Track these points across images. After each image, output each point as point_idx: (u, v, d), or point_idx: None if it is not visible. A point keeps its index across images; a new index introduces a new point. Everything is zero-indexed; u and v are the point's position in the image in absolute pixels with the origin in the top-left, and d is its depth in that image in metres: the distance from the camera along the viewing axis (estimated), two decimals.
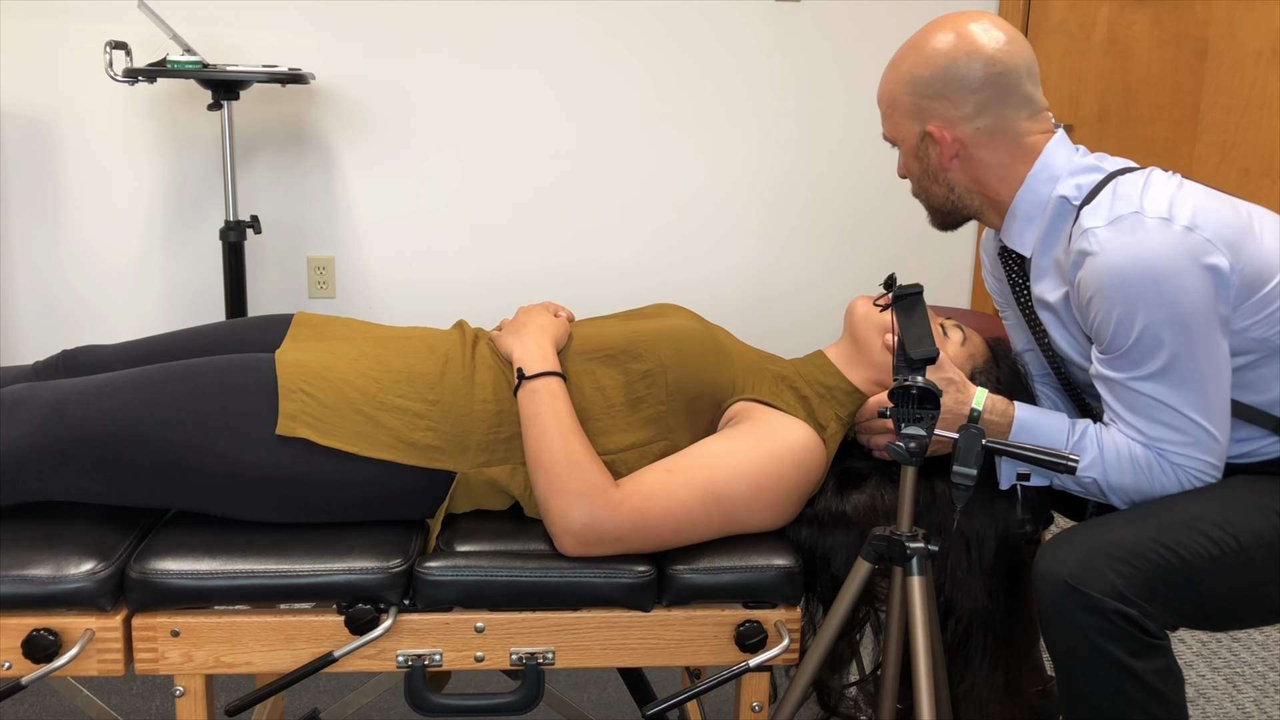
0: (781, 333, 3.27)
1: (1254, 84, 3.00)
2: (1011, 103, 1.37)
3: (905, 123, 1.41)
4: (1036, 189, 1.38)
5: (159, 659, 1.27)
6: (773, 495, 1.35)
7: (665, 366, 1.41)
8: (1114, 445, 1.33)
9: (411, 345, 1.44)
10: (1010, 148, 1.38)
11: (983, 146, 1.38)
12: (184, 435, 1.28)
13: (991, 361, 1.51)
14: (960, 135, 1.38)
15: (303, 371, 1.35)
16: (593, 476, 1.29)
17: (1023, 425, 1.37)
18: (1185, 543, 1.25)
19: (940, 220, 1.49)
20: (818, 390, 1.47)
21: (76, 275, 3.03)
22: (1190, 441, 1.30)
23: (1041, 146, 1.38)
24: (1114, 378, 1.31)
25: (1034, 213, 1.39)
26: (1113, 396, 1.33)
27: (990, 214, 1.45)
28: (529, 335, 1.42)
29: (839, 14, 3.09)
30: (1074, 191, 1.36)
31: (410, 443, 1.34)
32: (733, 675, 1.31)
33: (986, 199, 1.43)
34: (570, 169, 3.11)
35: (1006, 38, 1.36)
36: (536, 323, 1.45)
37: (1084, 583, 1.21)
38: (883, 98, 1.43)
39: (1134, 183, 1.31)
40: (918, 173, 1.44)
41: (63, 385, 1.33)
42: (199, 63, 2.56)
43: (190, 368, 1.34)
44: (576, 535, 1.28)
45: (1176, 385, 1.28)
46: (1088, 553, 1.23)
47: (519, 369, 1.37)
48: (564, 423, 1.32)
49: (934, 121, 1.38)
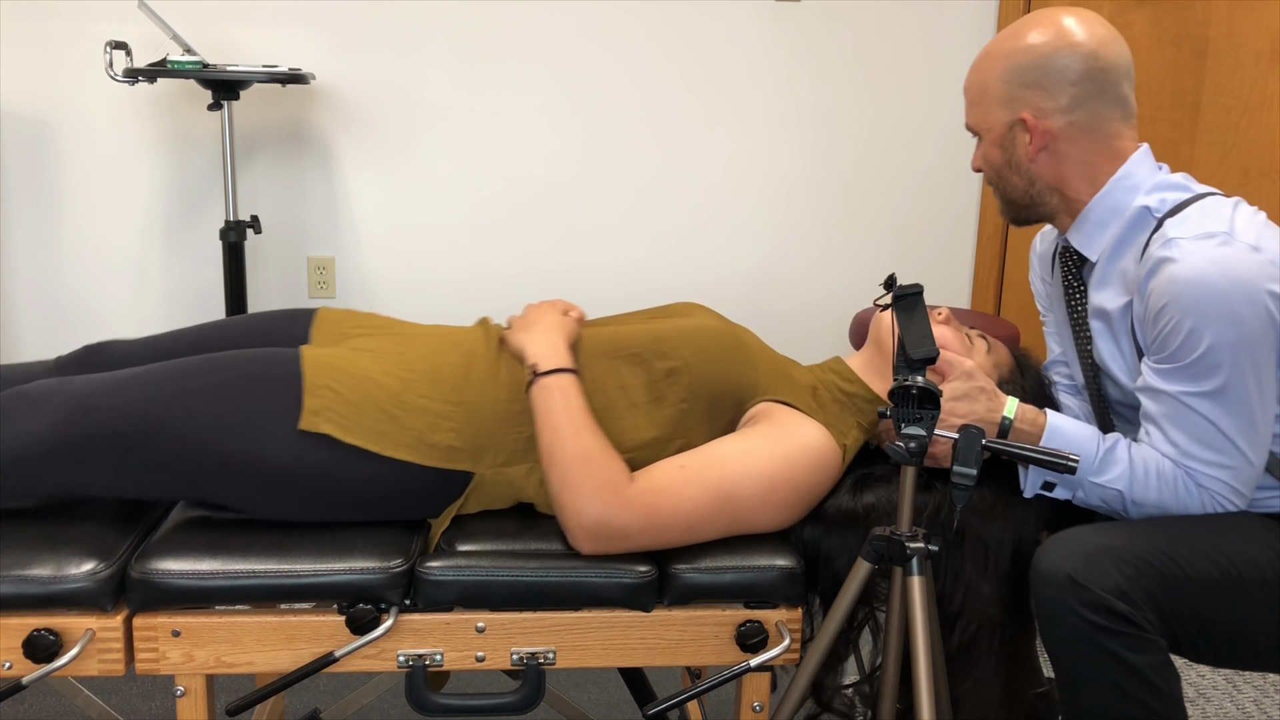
0: (782, 332, 3.27)
1: (1254, 84, 3.00)
2: (1107, 101, 1.36)
3: (995, 110, 1.40)
4: (1117, 195, 1.38)
5: (160, 659, 1.27)
6: (784, 497, 1.35)
7: (690, 365, 1.41)
8: (1144, 461, 1.33)
9: (436, 344, 1.44)
10: (1099, 147, 1.38)
11: (1072, 141, 1.38)
12: (209, 429, 1.28)
13: (1017, 371, 1.51)
14: (1052, 127, 1.37)
15: (329, 367, 1.35)
16: (606, 472, 1.29)
17: (1054, 432, 1.36)
18: (1190, 559, 1.25)
19: (1014, 213, 1.48)
20: (837, 397, 1.47)
21: (76, 275, 3.03)
22: (1226, 465, 1.30)
23: (1129, 153, 1.39)
24: (1167, 390, 1.30)
25: (1110, 218, 1.39)
26: (1159, 408, 1.32)
27: (1063, 214, 1.44)
28: (540, 332, 1.42)
29: (839, 14, 3.09)
30: (1158, 204, 1.35)
31: (432, 444, 1.34)
32: (733, 675, 1.31)
33: (1064, 198, 1.42)
34: (570, 169, 3.11)
35: (1109, 35, 1.36)
36: (547, 320, 1.45)
37: (1088, 579, 1.21)
38: (972, 85, 1.42)
39: (1224, 205, 1.32)
40: (999, 163, 1.43)
41: (88, 380, 1.33)
42: (199, 63, 2.56)
43: (215, 361, 1.34)
44: (590, 531, 1.28)
45: (1229, 408, 1.28)
46: (1093, 553, 1.23)
47: (532, 366, 1.37)
48: (576, 419, 1.32)
49: (1028, 110, 1.37)
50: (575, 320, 1.49)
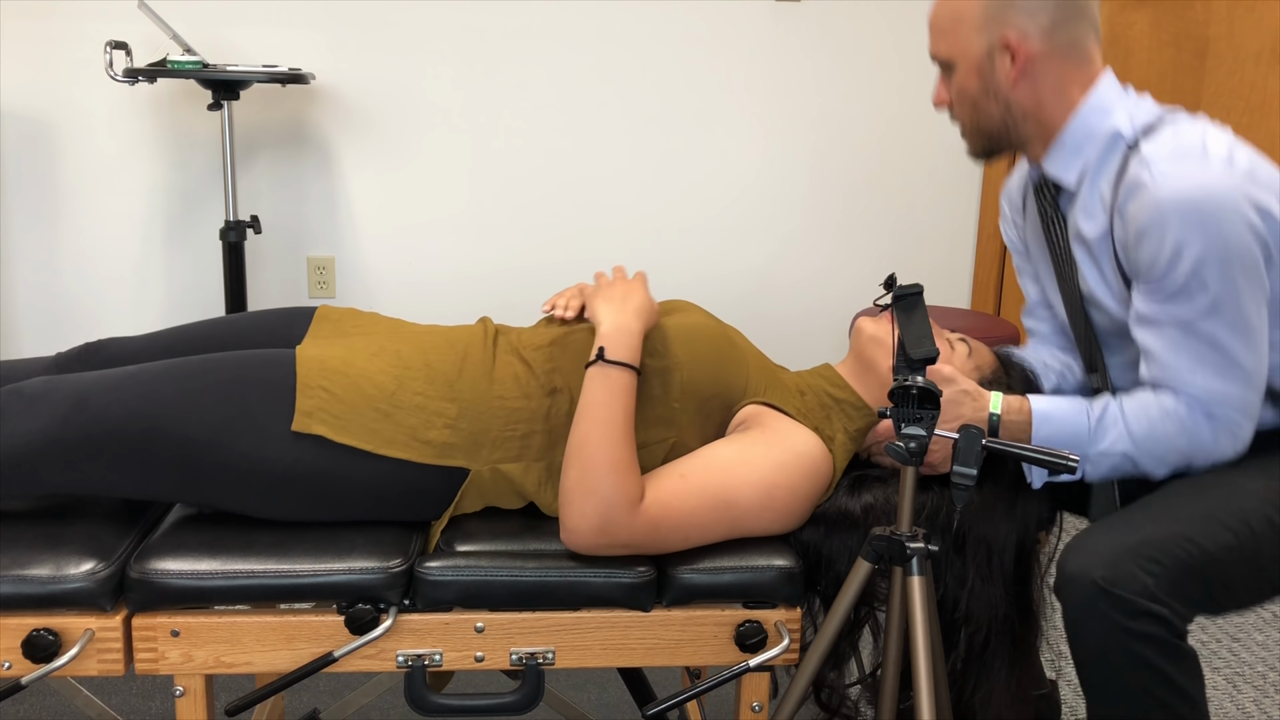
0: (782, 332, 3.27)
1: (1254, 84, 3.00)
2: (1084, 21, 1.37)
3: (971, 37, 1.38)
4: (1089, 119, 1.38)
5: (159, 659, 1.27)
6: (782, 504, 1.35)
7: (681, 364, 1.40)
8: (1139, 411, 1.31)
9: (431, 341, 1.44)
10: (1075, 70, 1.38)
11: (1051, 64, 1.37)
12: (205, 430, 1.28)
13: (1001, 370, 1.50)
14: (1032, 49, 1.36)
15: (322, 368, 1.35)
16: (628, 487, 1.27)
17: (1042, 417, 1.35)
18: (1206, 534, 1.25)
19: (984, 146, 1.46)
20: (824, 401, 1.47)
21: (76, 275, 3.03)
22: (1232, 389, 1.29)
23: (1098, 75, 1.39)
24: (1159, 316, 1.29)
25: (1083, 143, 1.39)
26: (1156, 339, 1.31)
27: (1036, 142, 1.43)
28: (627, 314, 1.39)
29: (839, 14, 3.09)
30: (1129, 126, 1.35)
31: (426, 441, 1.34)
32: (733, 675, 1.31)
33: (1040, 125, 1.41)
34: (570, 169, 3.11)
35: None
36: (636, 302, 1.41)
37: (1116, 584, 1.19)
38: (942, 14, 1.40)
39: (1195, 125, 1.32)
40: (975, 92, 1.41)
41: (85, 378, 1.33)
42: (199, 63, 2.56)
43: (213, 362, 1.34)
44: (587, 535, 1.27)
45: (1224, 324, 1.27)
46: (1117, 553, 1.22)
47: (601, 347, 1.34)
48: (620, 423, 1.30)
49: (1010, 30, 1.36)
50: (656, 310, 1.44)
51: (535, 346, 1.44)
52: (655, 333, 1.43)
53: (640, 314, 1.39)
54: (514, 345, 1.44)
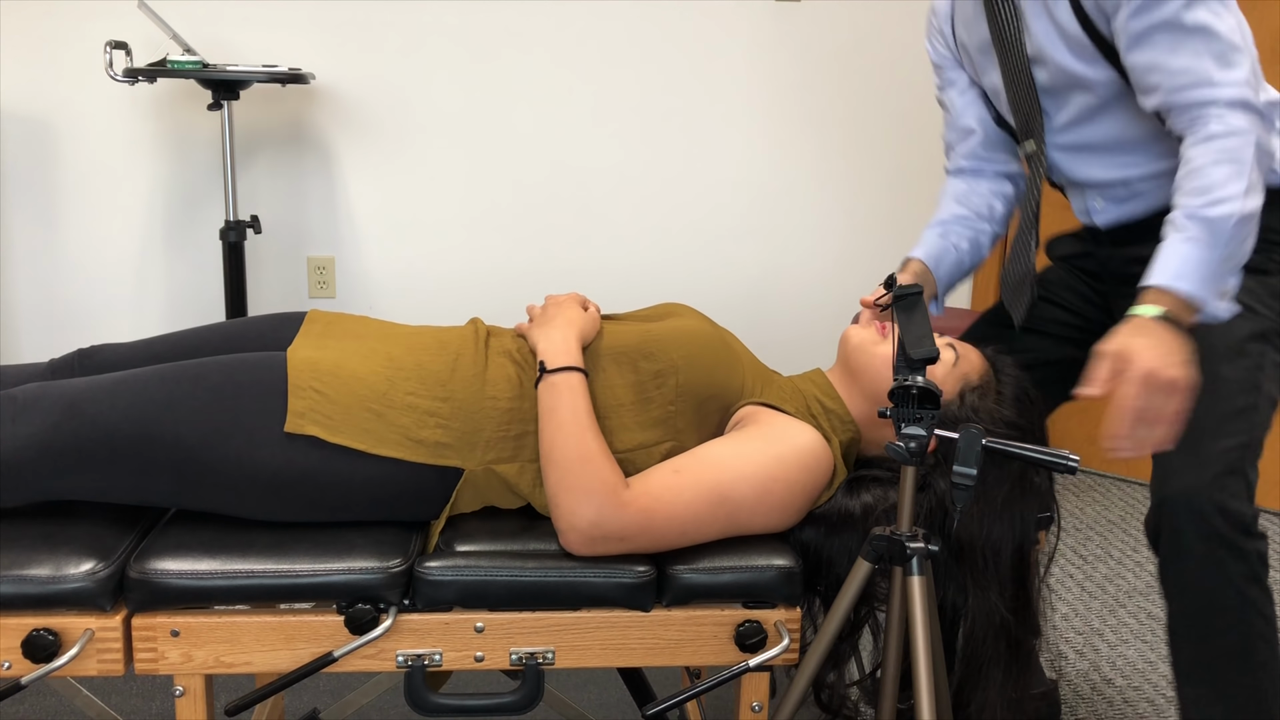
0: (783, 332, 3.27)
1: None
2: None
3: None
4: None
5: (159, 659, 1.27)
6: (779, 499, 1.35)
7: (677, 367, 1.41)
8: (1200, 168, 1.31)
9: (423, 342, 1.44)
10: None
11: None
12: (197, 433, 1.28)
13: (991, 377, 1.48)
14: None
15: (313, 369, 1.35)
16: (604, 475, 1.29)
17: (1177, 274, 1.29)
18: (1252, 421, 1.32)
19: None
20: (815, 410, 1.47)
21: (76, 275, 3.03)
22: (1244, 74, 1.33)
23: None
24: (1147, 28, 1.34)
25: None
26: (1151, 50, 1.35)
27: None
28: (556, 328, 1.42)
29: (839, 14, 3.09)
30: None
31: (419, 440, 1.34)
32: (733, 675, 1.31)
33: None
34: (570, 169, 3.11)
35: None
36: (565, 315, 1.44)
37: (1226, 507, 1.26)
38: None
39: None
40: None
41: (76, 384, 1.33)
42: (199, 63, 2.56)
43: (204, 366, 1.34)
44: (582, 533, 1.28)
45: (1205, 10, 1.32)
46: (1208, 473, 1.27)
47: (541, 362, 1.37)
48: (580, 419, 1.32)
49: None
50: (593, 317, 1.47)
51: (528, 348, 1.44)
52: (651, 336, 1.43)
53: (571, 324, 1.42)
54: (506, 347, 1.45)
